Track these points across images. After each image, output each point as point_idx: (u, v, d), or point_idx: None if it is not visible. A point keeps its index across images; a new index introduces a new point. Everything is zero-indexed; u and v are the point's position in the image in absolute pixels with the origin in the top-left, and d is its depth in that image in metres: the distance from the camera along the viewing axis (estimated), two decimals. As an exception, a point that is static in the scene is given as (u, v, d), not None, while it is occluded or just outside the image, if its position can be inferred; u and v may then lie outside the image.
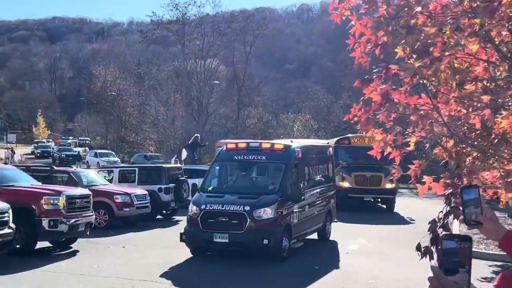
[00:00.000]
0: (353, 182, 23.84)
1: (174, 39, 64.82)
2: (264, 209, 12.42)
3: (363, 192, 23.82)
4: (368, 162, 23.11)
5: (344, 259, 13.37)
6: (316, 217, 15.10)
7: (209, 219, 12.51)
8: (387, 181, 23.62)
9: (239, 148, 14.24)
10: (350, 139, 25.43)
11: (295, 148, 14.20)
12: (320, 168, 16.03)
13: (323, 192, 15.84)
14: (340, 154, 24.52)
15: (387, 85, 4.75)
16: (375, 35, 4.52)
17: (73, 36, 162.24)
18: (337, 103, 64.95)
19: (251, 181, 14.73)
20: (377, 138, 5.36)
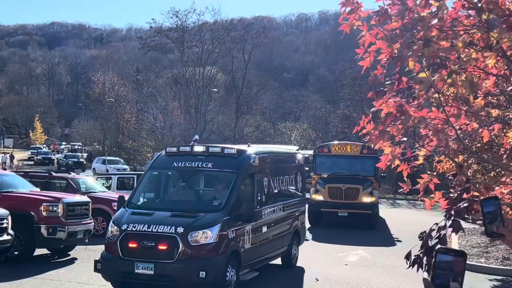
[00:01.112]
0: (326, 195, 21.39)
1: (173, 46, 64.87)
2: (203, 232, 9.80)
3: (337, 207, 21.26)
4: (349, 172, 22.03)
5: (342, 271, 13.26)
6: (278, 239, 12.53)
7: (130, 243, 9.86)
8: (365, 195, 21.25)
9: (180, 152, 11.53)
10: (330, 147, 23.49)
11: (251, 154, 11.55)
12: (286, 180, 13.43)
13: (288, 208, 13.29)
14: (319, 164, 22.99)
15: (399, 97, 4.71)
16: (390, 47, 4.48)
17: (71, 42, 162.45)
18: (335, 112, 65.02)
19: (191, 194, 11.80)
20: (386, 152, 5.31)
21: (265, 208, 11.82)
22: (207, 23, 63.46)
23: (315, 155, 23.40)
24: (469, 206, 4.08)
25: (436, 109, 4.85)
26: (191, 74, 62.46)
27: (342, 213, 21.45)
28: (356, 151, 22.40)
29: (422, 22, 4.32)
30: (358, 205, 21.15)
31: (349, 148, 22.83)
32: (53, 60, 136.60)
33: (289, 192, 13.73)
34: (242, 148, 12.02)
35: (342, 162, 22.75)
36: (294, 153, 15.29)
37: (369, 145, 5.38)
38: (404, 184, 5.56)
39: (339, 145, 23.44)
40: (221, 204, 10.46)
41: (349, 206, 21.18)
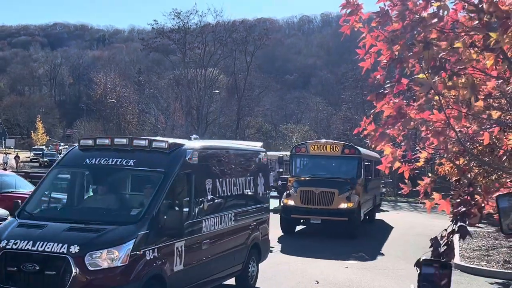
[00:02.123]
0: (298, 200, 18.99)
1: (175, 47, 64.87)
2: (108, 251, 7.40)
3: (309, 213, 18.90)
4: (329, 174, 19.90)
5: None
6: (228, 256, 10.29)
7: (10, 266, 7.52)
8: (341, 199, 18.70)
9: (98, 146, 9.08)
10: (308, 146, 21.03)
11: (188, 149, 9.12)
12: (241, 183, 11.01)
13: (243, 218, 10.98)
14: (296, 165, 21.07)
15: (400, 99, 4.70)
16: (390, 49, 4.46)
17: (74, 43, 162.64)
18: (336, 115, 65.02)
19: (104, 201, 9.05)
20: (386, 152, 5.29)
21: (208, 218, 9.41)
22: (209, 25, 63.47)
23: (292, 155, 21.18)
24: (468, 210, 4.06)
25: (437, 111, 4.83)
26: (193, 76, 62.48)
27: (314, 220, 19.01)
28: (336, 151, 20.39)
29: (423, 23, 4.31)
30: (333, 211, 18.62)
31: (329, 148, 20.61)
32: (55, 61, 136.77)
33: (245, 197, 11.28)
34: (179, 141, 9.61)
35: (321, 163, 20.71)
36: (255, 150, 12.38)
37: (370, 145, 5.36)
38: (404, 185, 5.54)
39: (317, 145, 21.06)
40: (141, 214, 8.06)
41: (323, 213, 18.74)
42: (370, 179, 23.26)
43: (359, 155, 20.43)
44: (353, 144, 27.50)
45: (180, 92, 64.67)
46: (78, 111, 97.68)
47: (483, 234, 19.66)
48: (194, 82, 62.42)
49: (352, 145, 21.70)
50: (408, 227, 23.19)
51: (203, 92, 61.81)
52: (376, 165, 25.14)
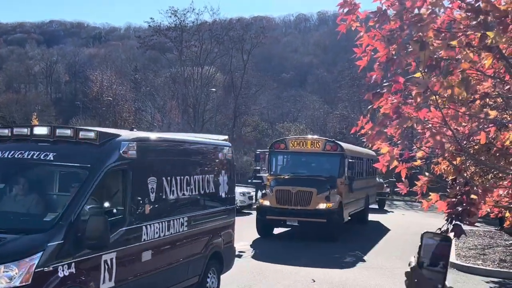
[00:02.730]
0: (273, 200, 17.82)
1: (172, 45, 64.83)
2: (6, 267, 5.95)
3: (285, 214, 17.64)
4: (310, 172, 18.78)
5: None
6: (180, 268, 8.89)
7: None
8: (320, 199, 17.51)
9: (15, 136, 7.67)
10: (287, 142, 19.58)
11: (123, 141, 7.59)
12: (198, 182, 9.40)
13: (200, 222, 9.45)
14: (274, 163, 19.71)
15: (397, 97, 4.70)
16: (388, 48, 4.46)
17: (70, 40, 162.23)
18: (333, 113, 65.09)
19: (13, 203, 7.38)
20: (383, 151, 5.30)
21: (150, 223, 7.94)
22: (206, 23, 63.44)
23: (271, 152, 19.69)
24: (467, 209, 4.06)
25: (434, 110, 4.84)
26: (189, 74, 62.44)
27: (291, 222, 17.80)
28: (318, 148, 19.08)
29: (420, 22, 4.31)
30: (310, 212, 17.37)
31: (310, 144, 19.15)
32: (51, 59, 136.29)
33: (203, 199, 9.75)
34: (114, 131, 8.18)
35: (301, 160, 19.50)
36: (216, 145, 10.77)
37: (368, 144, 5.36)
38: (402, 184, 5.55)
39: (297, 140, 19.64)
40: (56, 219, 6.61)
41: (300, 213, 17.53)
42: (358, 178, 21.81)
43: (341, 152, 19.03)
44: (351, 143, 27.16)
45: (176, 90, 64.62)
46: (74, 109, 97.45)
47: (479, 233, 19.72)
48: (190, 80, 62.38)
49: (334, 141, 20.33)
50: (406, 227, 23.22)
51: (200, 90, 61.78)
52: (370, 163, 24.12)
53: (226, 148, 11.03)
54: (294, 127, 65.69)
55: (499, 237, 19.04)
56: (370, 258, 15.50)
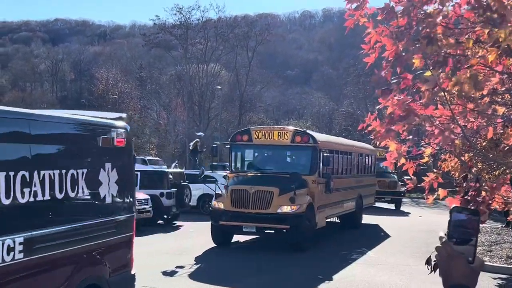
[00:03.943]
0: (228, 202, 15.04)
1: (177, 43, 64.84)
2: None
3: (241, 218, 14.86)
4: (277, 169, 16.20)
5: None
6: None
7: None
8: (282, 201, 14.73)
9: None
10: (251, 133, 16.64)
11: None
12: (48, 180, 6.02)
13: (54, 245, 6.06)
14: (236, 157, 17.08)
15: (404, 95, 4.69)
16: (395, 45, 4.45)
17: (75, 39, 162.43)
18: (338, 110, 65.00)
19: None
20: (391, 148, 5.29)
21: None
22: (211, 20, 63.42)
23: (231, 145, 16.90)
24: (476, 207, 4.06)
25: (442, 107, 4.83)
26: (194, 71, 62.48)
27: (247, 228, 14.88)
28: (286, 139, 16.22)
29: (428, 19, 4.30)
30: (270, 217, 14.64)
31: (277, 135, 16.33)
32: (57, 57, 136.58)
33: (61, 206, 6.29)
34: None
35: (266, 154, 17.13)
36: (94, 124, 7.29)
37: (375, 142, 5.35)
38: (409, 181, 5.54)
39: (262, 131, 16.73)
40: None
41: (258, 218, 14.72)
42: (344, 175, 19.36)
43: (314, 144, 16.15)
44: (357, 140, 26.21)
45: (182, 88, 64.67)
46: (80, 107, 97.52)
47: (485, 229, 19.67)
48: (196, 77, 62.42)
49: (306, 131, 17.26)
50: (410, 225, 23.14)
51: (205, 88, 61.83)
52: (365, 159, 22.97)
53: (115, 131, 7.45)
54: (300, 124, 65.72)
55: (506, 233, 19.00)
56: (376, 254, 15.45)
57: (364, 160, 22.58)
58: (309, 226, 15.19)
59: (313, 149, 16.19)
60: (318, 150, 16.23)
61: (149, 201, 18.87)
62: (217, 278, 11.50)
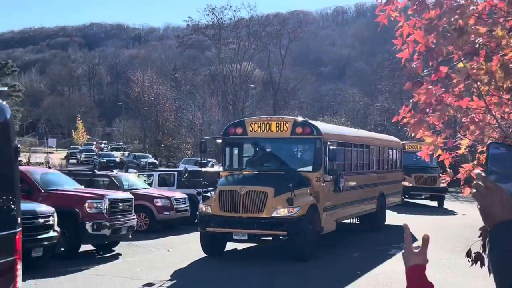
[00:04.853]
0: (216, 205, 12.92)
1: (210, 43, 65.34)
2: None
3: (231, 224, 12.70)
4: (276, 165, 14.23)
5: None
6: None
7: None
8: (278, 203, 12.56)
9: None
10: (245, 125, 14.50)
11: None
12: None
13: None
14: (229, 153, 15.38)
15: (438, 87, 4.69)
16: (426, 38, 4.46)
17: (110, 42, 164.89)
18: (373, 105, 64.47)
19: None
20: (427, 141, 5.28)
21: None
22: (243, 19, 63.71)
23: (224, 139, 14.94)
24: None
25: (477, 98, 4.81)
26: (228, 71, 62.81)
27: (238, 236, 12.73)
28: (285, 131, 14.04)
29: (460, 9, 4.29)
30: (264, 222, 12.47)
31: (275, 127, 14.13)
32: (93, 61, 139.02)
33: None
34: None
35: (263, 149, 14.73)
36: None
37: (410, 133, 5.34)
38: (445, 174, 5.52)
39: (259, 122, 14.49)
40: None
41: (251, 224, 12.51)
42: (361, 172, 17.32)
43: (317, 136, 13.86)
44: (393, 134, 24.85)
45: (216, 88, 65.13)
46: (117, 110, 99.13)
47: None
48: (229, 77, 62.75)
49: (308, 121, 14.84)
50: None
51: (239, 87, 62.10)
52: (388, 152, 21.58)
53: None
54: (335, 120, 65.41)
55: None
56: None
57: (386, 154, 20.22)
58: (311, 232, 12.87)
59: (317, 141, 13.85)
60: (322, 143, 13.85)
61: (186, 200, 19.08)
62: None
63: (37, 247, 11.17)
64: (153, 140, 73.51)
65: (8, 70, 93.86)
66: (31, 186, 13.30)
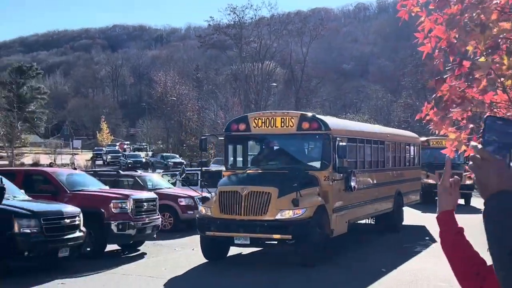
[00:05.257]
0: (216, 207, 12.07)
1: (231, 42, 65.50)
2: None
3: (232, 228, 11.92)
4: (282, 164, 13.27)
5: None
6: None
7: None
8: (282, 204, 11.67)
9: None
10: (248, 121, 13.59)
11: None
12: None
13: None
14: (232, 151, 14.43)
15: (461, 82, 4.64)
16: (447, 33, 4.42)
17: (133, 44, 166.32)
18: (397, 102, 63.98)
19: None
20: (451, 137, 5.23)
21: None
22: (264, 18, 63.75)
23: (226, 136, 14.01)
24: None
25: (501, 93, 4.75)
26: (250, 70, 62.93)
27: (240, 240, 11.83)
28: (291, 126, 13.04)
29: (482, 4, 4.25)
30: (267, 225, 11.55)
31: (280, 122, 13.16)
32: (116, 62, 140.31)
33: None
34: None
35: (268, 146, 13.99)
36: None
37: (434, 130, 5.30)
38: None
39: (262, 118, 13.43)
40: None
41: (253, 227, 11.62)
42: (375, 169, 16.25)
43: (325, 131, 12.89)
44: (417, 131, 24.20)
45: (238, 87, 65.28)
46: (140, 110, 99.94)
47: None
48: (251, 76, 62.86)
49: (315, 115, 13.89)
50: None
51: (261, 86, 62.16)
52: (406, 148, 20.76)
53: None
54: (358, 118, 65.12)
55: None
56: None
57: (404, 150, 19.16)
58: (319, 235, 11.98)
59: (325, 137, 12.91)
60: (331, 139, 12.86)
61: (210, 199, 19.14)
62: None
63: (64, 247, 11.33)
64: (176, 140, 73.94)
65: (33, 73, 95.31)
66: (57, 187, 13.52)
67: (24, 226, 10.67)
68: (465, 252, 1.97)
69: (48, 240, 10.98)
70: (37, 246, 10.82)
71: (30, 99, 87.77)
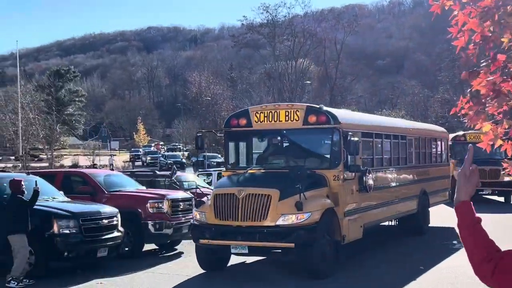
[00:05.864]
0: (211, 212, 10.80)
1: (265, 41, 65.56)
2: None
3: (229, 235, 10.67)
4: (286, 161, 11.95)
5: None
6: None
7: None
8: (284, 208, 10.17)
9: None
10: (250, 115, 12.24)
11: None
12: None
13: None
14: (232, 149, 13.14)
15: (497, 75, 4.55)
16: (481, 26, 4.34)
17: (168, 45, 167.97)
18: (433, 97, 63.05)
19: None
20: (485, 130, 5.14)
21: None
22: (298, 16, 63.62)
23: (226, 133, 12.70)
24: None
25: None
26: (283, 68, 62.88)
27: (237, 249, 10.47)
28: (296, 120, 11.64)
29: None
30: (267, 232, 10.17)
31: (284, 116, 11.78)
32: (152, 64, 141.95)
33: None
34: None
35: (271, 143, 12.54)
36: None
37: (469, 125, 5.21)
38: (508, 164, 5.36)
39: (265, 111, 12.00)
40: None
41: (251, 234, 10.26)
42: (396, 167, 14.61)
43: (334, 125, 11.43)
44: (449, 126, 23.64)
45: (272, 86, 65.28)
46: (176, 111, 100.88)
47: None
48: (285, 74, 62.81)
49: (322, 107, 11.93)
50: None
51: (295, 84, 62.05)
52: (432, 143, 18.23)
53: None
54: (394, 114, 64.39)
55: None
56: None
57: (429, 146, 17.64)
58: (327, 242, 10.59)
59: (334, 131, 11.49)
60: (341, 133, 11.46)
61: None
62: None
63: (102, 247, 11.50)
64: (212, 140, 74.36)
65: (71, 76, 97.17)
66: (95, 188, 13.73)
67: (63, 226, 10.88)
68: (483, 241, 2.19)
69: (87, 240, 11.17)
70: (76, 246, 11.03)
71: (68, 101, 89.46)
